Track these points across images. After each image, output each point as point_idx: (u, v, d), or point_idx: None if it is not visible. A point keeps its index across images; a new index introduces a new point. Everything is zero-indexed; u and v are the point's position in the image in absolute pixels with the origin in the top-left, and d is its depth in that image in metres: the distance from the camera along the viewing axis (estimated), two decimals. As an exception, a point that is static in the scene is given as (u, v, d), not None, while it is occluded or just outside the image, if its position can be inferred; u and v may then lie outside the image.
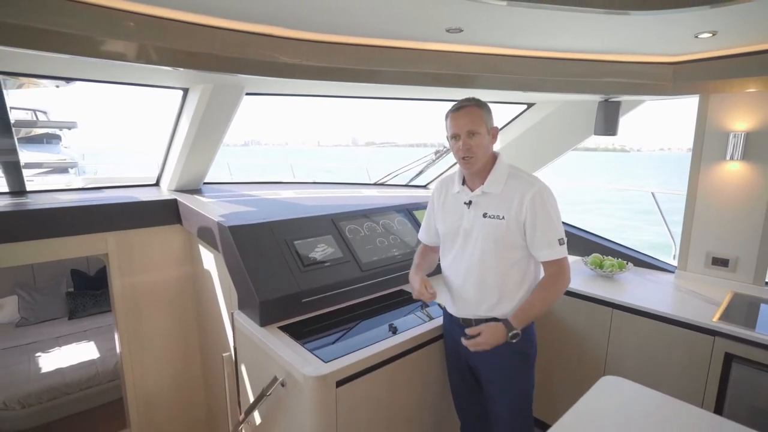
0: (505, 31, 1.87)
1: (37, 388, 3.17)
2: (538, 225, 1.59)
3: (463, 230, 1.71)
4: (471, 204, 1.70)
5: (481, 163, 1.65)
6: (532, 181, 1.63)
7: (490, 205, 1.66)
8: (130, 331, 2.68)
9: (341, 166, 27.64)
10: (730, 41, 2.01)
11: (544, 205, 1.59)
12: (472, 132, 1.60)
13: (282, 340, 1.79)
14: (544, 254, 1.62)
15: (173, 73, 2.07)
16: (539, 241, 1.60)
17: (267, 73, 1.97)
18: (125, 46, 1.69)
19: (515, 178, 1.65)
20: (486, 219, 1.65)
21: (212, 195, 2.87)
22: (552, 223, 1.60)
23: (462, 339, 1.69)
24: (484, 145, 1.62)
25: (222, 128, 2.57)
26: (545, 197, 1.60)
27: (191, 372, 2.95)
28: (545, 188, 1.62)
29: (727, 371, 1.96)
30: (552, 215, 1.60)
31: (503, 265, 1.65)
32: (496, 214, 1.63)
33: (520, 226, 1.61)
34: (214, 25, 1.81)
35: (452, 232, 1.77)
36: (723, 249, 2.47)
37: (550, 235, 1.59)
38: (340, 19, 1.75)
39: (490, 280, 1.67)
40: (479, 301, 1.70)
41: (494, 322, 1.65)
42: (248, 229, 2.06)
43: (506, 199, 1.63)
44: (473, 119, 1.61)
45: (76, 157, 12.62)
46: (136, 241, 2.62)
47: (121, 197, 2.68)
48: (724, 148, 2.38)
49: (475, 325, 1.69)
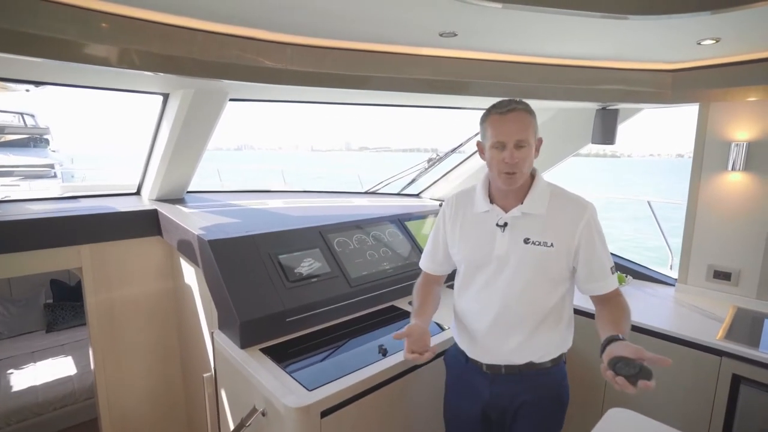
0: (500, 35, 1.78)
1: (6, 408, 2.98)
2: (596, 254, 1.38)
3: (497, 258, 1.42)
4: (506, 226, 1.42)
5: (524, 177, 1.39)
6: (582, 202, 1.40)
7: (533, 229, 1.39)
8: (106, 348, 2.53)
9: (334, 172, 27.56)
10: (732, 48, 1.94)
11: (598, 230, 1.40)
12: (521, 142, 1.32)
13: (263, 364, 1.66)
14: (598, 287, 1.40)
15: (152, 77, 1.95)
16: (598, 272, 1.38)
17: (251, 78, 1.86)
18: (99, 49, 1.58)
19: (561, 197, 1.42)
20: (529, 246, 1.39)
21: (196, 205, 2.75)
22: (606, 250, 1.41)
23: (606, 372, 1.18)
24: (531, 158, 1.37)
25: (205, 135, 2.45)
26: (597, 221, 1.41)
27: (172, 391, 2.80)
28: (595, 210, 1.41)
29: (735, 394, 1.86)
30: (604, 241, 1.42)
31: (547, 300, 1.42)
32: (542, 240, 1.38)
33: (570, 255, 1.38)
34: (194, 27, 1.70)
35: (478, 261, 1.46)
36: (725, 262, 2.39)
37: (605, 264, 1.40)
38: (328, 22, 1.65)
39: (530, 318, 1.42)
40: (513, 343, 1.43)
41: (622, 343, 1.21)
42: (229, 243, 1.94)
43: (554, 222, 1.38)
44: (524, 126, 1.33)
45: (64, 162, 12.39)
46: (113, 254, 2.48)
47: (98, 207, 2.54)
48: (725, 158, 2.30)
49: (504, 373, 1.45)
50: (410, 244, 2.56)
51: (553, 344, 1.47)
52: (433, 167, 3.37)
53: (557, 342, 1.48)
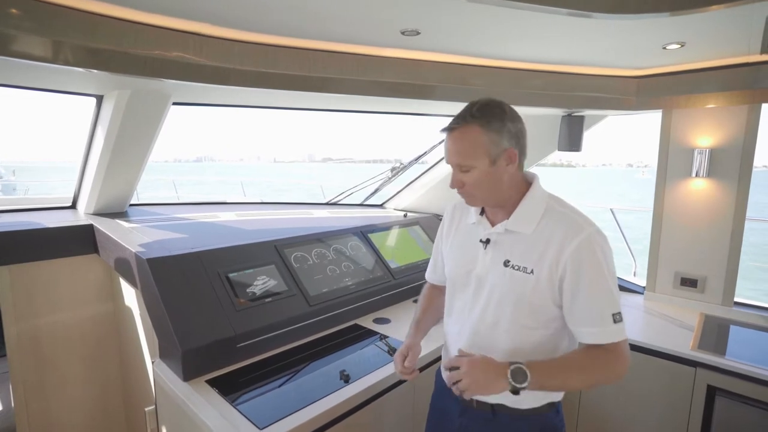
0: (464, 35, 1.69)
1: None
2: (581, 289, 1.09)
3: (476, 277, 1.24)
4: (489, 243, 1.22)
5: (494, 199, 1.19)
6: (580, 223, 1.11)
7: (515, 249, 1.17)
8: (30, 383, 2.22)
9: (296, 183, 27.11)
10: (697, 54, 1.93)
11: (594, 261, 1.08)
12: (463, 167, 1.14)
13: (208, 398, 1.46)
14: (587, 334, 1.11)
15: (83, 76, 1.74)
16: (582, 314, 1.10)
17: (192, 78, 1.68)
18: (7, 38, 1.36)
19: (555, 215, 1.15)
20: (508, 269, 1.16)
21: (138, 219, 2.49)
22: (604, 289, 1.09)
23: (442, 369, 1.26)
24: (489, 179, 1.14)
25: (146, 142, 2.21)
26: (597, 249, 1.09)
27: (113, 426, 2.50)
28: (599, 235, 1.11)
29: (710, 405, 1.81)
30: (604, 276, 1.09)
31: (522, 337, 1.17)
32: (521, 264, 1.15)
33: (554, 288, 1.12)
34: (126, 18, 1.50)
35: (460, 277, 1.29)
36: (691, 269, 2.38)
37: (598, 305, 1.09)
38: (279, 17, 1.50)
39: (503, 354, 1.17)
40: None
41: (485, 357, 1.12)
42: (171, 261, 1.73)
43: (539, 245, 1.13)
44: (465, 148, 1.13)
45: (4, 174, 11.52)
46: (40, 276, 2.19)
47: (23, 223, 2.24)
48: (689, 164, 2.30)
49: (475, 407, 1.24)
50: (374, 258, 2.41)
51: (533, 395, 1.16)
52: (396, 176, 3.24)
53: (535, 392, 1.14)
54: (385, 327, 2.09)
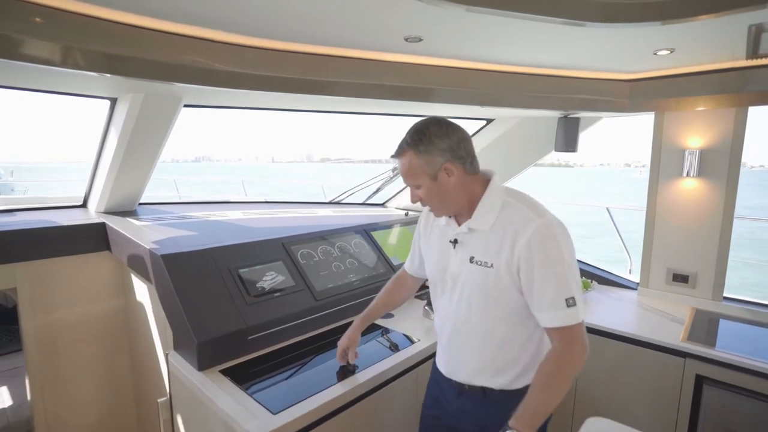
0: (464, 41, 1.77)
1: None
2: (535, 277, 1.17)
3: (450, 276, 1.34)
4: (457, 243, 1.32)
5: (452, 206, 1.30)
6: (531, 215, 1.19)
7: (477, 246, 1.27)
8: (46, 376, 2.30)
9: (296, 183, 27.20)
10: (686, 59, 2.02)
11: (544, 249, 1.16)
12: (413, 186, 1.29)
13: (223, 387, 1.54)
14: (544, 318, 1.19)
15: (98, 79, 1.81)
16: (537, 300, 1.19)
17: (205, 81, 1.75)
18: (33, 46, 1.43)
19: (510, 209, 1.23)
20: (473, 265, 1.26)
21: (148, 218, 2.57)
22: (556, 275, 1.16)
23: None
24: (438, 192, 1.26)
25: (157, 143, 2.29)
26: (548, 237, 1.16)
27: (123, 419, 2.58)
28: (549, 225, 1.18)
29: (698, 394, 1.90)
30: (557, 262, 1.16)
31: (495, 327, 1.28)
32: (483, 260, 1.24)
33: (514, 278, 1.21)
34: (143, 26, 1.58)
35: (438, 277, 1.40)
36: (683, 265, 2.47)
37: (551, 290, 1.16)
38: (289, 24, 1.58)
39: (478, 345, 1.30)
40: (466, 366, 1.36)
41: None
42: (185, 258, 1.81)
43: (496, 240, 1.22)
44: (406, 171, 1.27)
45: (3, 175, 11.57)
46: (54, 273, 2.27)
47: (38, 221, 2.32)
48: (680, 164, 2.39)
49: (467, 390, 1.36)
50: (377, 255, 2.50)
51: (514, 374, 1.30)
52: (397, 176, 3.32)
53: (519, 372, 1.30)
54: (388, 321, 2.17)
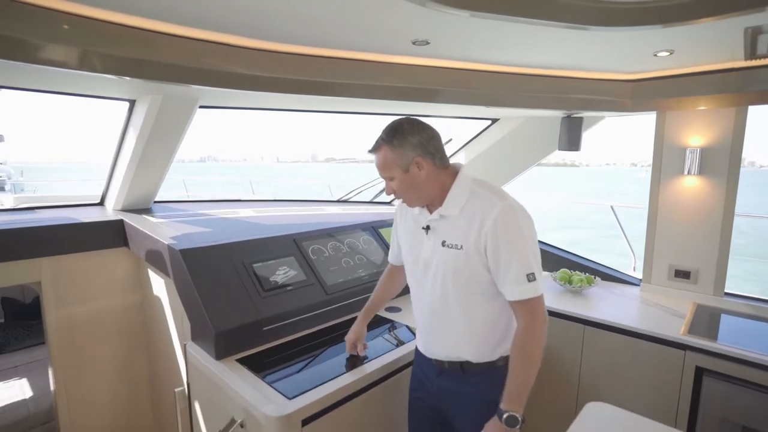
0: (470, 44, 1.84)
1: (-47, 436, 2.78)
2: (501, 255, 1.29)
3: (423, 261, 1.46)
4: (429, 230, 1.44)
5: (423, 197, 1.42)
6: (494, 200, 1.32)
7: (448, 231, 1.39)
8: (68, 367, 2.39)
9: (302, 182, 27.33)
10: (685, 60, 2.07)
11: (507, 230, 1.28)
12: (387, 178, 1.42)
13: (240, 374, 1.62)
14: (508, 292, 1.32)
15: (119, 82, 1.90)
16: (503, 276, 1.31)
17: (221, 84, 1.83)
18: (60, 51, 1.52)
19: (476, 196, 1.36)
20: (445, 248, 1.39)
21: (163, 215, 2.66)
22: (518, 253, 1.28)
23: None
24: (409, 184, 1.38)
25: (173, 143, 2.38)
26: (510, 219, 1.29)
27: (140, 410, 2.68)
28: (512, 208, 1.30)
29: (698, 385, 1.96)
30: (518, 242, 1.29)
31: (469, 303, 1.40)
32: (453, 242, 1.37)
33: (482, 257, 1.33)
34: (162, 31, 1.66)
35: (413, 262, 1.52)
36: (684, 261, 2.52)
37: (514, 267, 1.28)
38: (300, 29, 1.66)
39: (455, 320, 1.42)
40: (446, 342, 1.47)
41: (491, 420, 1.32)
42: (202, 252, 1.89)
43: (464, 224, 1.35)
44: (381, 164, 1.40)
45: (12, 174, 11.77)
46: (75, 267, 2.37)
47: (59, 218, 2.42)
48: (681, 163, 2.44)
49: (448, 368, 1.48)
50: (384, 251, 2.57)
51: (489, 346, 1.43)
52: (405, 175, 3.39)
53: (494, 344, 1.43)
54: (396, 315, 2.25)
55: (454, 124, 3.47)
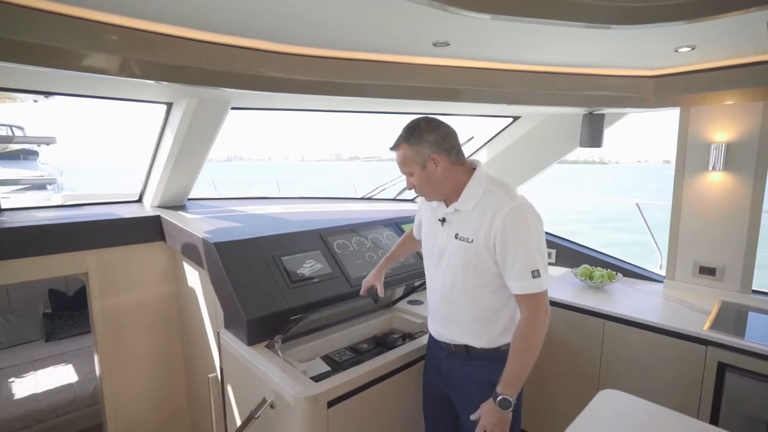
0: (490, 44, 1.89)
1: (8, 415, 3.01)
2: (508, 251, 1.37)
3: (438, 250, 1.57)
4: (445, 222, 1.54)
5: (440, 192, 1.51)
6: (506, 199, 1.40)
7: (461, 225, 1.48)
8: (111, 353, 2.57)
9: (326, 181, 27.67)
10: (708, 55, 2.06)
11: (516, 228, 1.36)
12: (406, 174, 1.51)
13: (270, 359, 1.73)
14: (514, 287, 1.40)
15: (157, 87, 2.03)
16: (509, 271, 1.39)
17: (252, 86, 1.94)
18: (108, 60, 1.66)
19: (490, 194, 1.44)
20: (457, 241, 1.49)
21: (197, 211, 2.81)
22: (524, 250, 1.36)
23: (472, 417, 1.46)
24: (426, 179, 1.47)
25: (207, 143, 2.52)
26: (519, 217, 1.37)
27: (175, 394, 2.84)
28: (522, 207, 1.38)
29: (720, 381, 1.96)
30: (525, 239, 1.36)
31: (476, 293, 1.49)
32: (466, 236, 1.46)
33: (491, 251, 1.41)
34: (198, 39, 1.78)
35: (429, 250, 1.63)
36: (710, 258, 2.50)
37: (520, 263, 1.36)
38: (326, 33, 1.74)
39: (462, 308, 1.52)
40: (452, 326, 1.57)
41: (487, 400, 1.41)
42: (234, 246, 2.01)
43: (477, 219, 1.44)
44: (401, 160, 1.49)
45: (54, 174, 12.37)
46: (117, 260, 2.54)
47: (102, 214, 2.60)
48: (706, 159, 2.42)
49: (454, 350, 1.58)
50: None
51: (493, 334, 1.51)
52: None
53: (497, 333, 1.51)
54: (418, 308, 2.32)
55: (476, 122, 3.51)
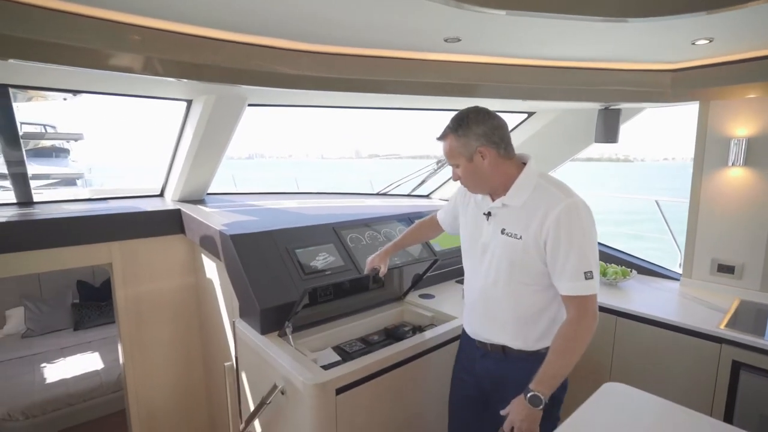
0: (503, 40, 1.89)
1: (40, 398, 3.18)
2: (560, 250, 1.32)
3: (481, 245, 1.51)
4: (490, 216, 1.49)
5: (485, 185, 1.47)
6: (561, 196, 1.35)
7: (509, 220, 1.43)
8: (133, 341, 2.68)
9: (346, 178, 27.86)
10: (727, 48, 2.02)
11: (570, 226, 1.31)
12: (452, 165, 1.48)
13: (282, 347, 1.78)
14: (563, 287, 1.34)
15: (177, 84, 2.11)
16: (560, 271, 1.33)
17: (268, 83, 2.00)
18: (131, 59, 1.74)
19: (542, 190, 1.39)
20: (503, 236, 1.43)
21: (215, 205, 2.89)
22: (578, 250, 1.30)
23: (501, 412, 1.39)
24: (473, 172, 1.43)
25: (225, 139, 2.60)
26: (574, 216, 1.31)
27: (193, 382, 2.94)
28: (576, 206, 1.33)
29: (735, 379, 1.92)
30: (580, 240, 1.31)
31: (519, 291, 1.43)
32: (513, 232, 1.40)
33: (540, 249, 1.36)
34: (216, 38, 1.85)
35: (470, 244, 1.58)
36: (728, 256, 2.45)
37: (572, 263, 1.31)
38: (340, 30, 1.78)
39: (503, 306, 1.47)
40: (491, 325, 1.52)
41: (517, 397, 1.34)
42: (250, 238, 2.08)
43: (526, 215, 1.38)
44: (447, 152, 1.46)
45: (83, 170, 12.87)
46: (140, 251, 2.64)
47: (126, 207, 2.71)
48: (725, 154, 2.37)
49: (490, 350, 1.53)
50: (420, 241, 2.66)
51: (533, 336, 1.46)
52: (442, 168, 3.47)
53: (538, 335, 1.45)
54: (429, 301, 2.35)
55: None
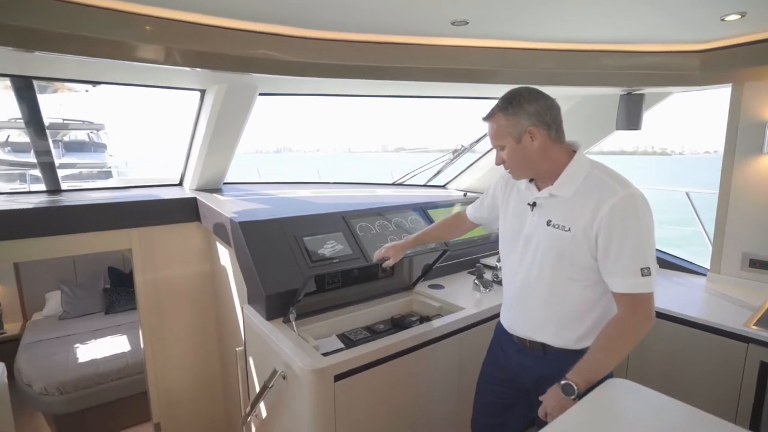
0: (512, 21, 1.81)
1: (73, 376, 3.37)
2: (613, 244, 1.23)
3: (524, 237, 1.43)
4: (535, 206, 1.40)
5: (532, 170, 1.38)
6: (616, 187, 1.25)
7: (556, 211, 1.34)
8: (152, 326, 2.77)
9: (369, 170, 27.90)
10: (761, 24, 1.87)
11: (626, 219, 1.22)
12: (498, 146, 1.39)
13: (286, 333, 1.80)
14: (616, 284, 1.25)
15: (190, 74, 2.14)
16: (612, 266, 1.25)
17: (276, 71, 2.00)
18: (144, 49, 1.77)
19: (594, 180, 1.30)
20: (550, 228, 1.34)
21: (231, 194, 2.94)
22: (634, 245, 1.21)
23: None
24: (521, 154, 1.34)
25: (238, 128, 2.63)
26: (630, 209, 1.22)
27: (209, 367, 3.02)
28: (633, 197, 1.23)
29: (763, 381, 1.80)
30: (636, 234, 1.22)
31: (565, 287, 1.35)
32: (561, 224, 1.32)
33: (590, 243, 1.27)
34: (225, 26, 1.85)
35: (511, 237, 1.49)
36: (762, 250, 2.29)
37: (627, 259, 1.22)
38: (343, 15, 1.75)
39: (545, 302, 1.39)
40: (532, 321, 1.44)
41: (552, 386, 1.31)
42: (258, 225, 2.10)
43: (577, 206, 1.29)
44: (494, 132, 1.37)
45: (119, 164, 13.61)
46: (157, 238, 2.72)
47: (145, 195, 2.79)
48: (760, 140, 2.21)
49: (529, 347, 1.46)
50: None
51: (577, 334, 1.37)
52: (458, 158, 3.40)
53: (582, 333, 1.37)
54: (439, 292, 2.31)
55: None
